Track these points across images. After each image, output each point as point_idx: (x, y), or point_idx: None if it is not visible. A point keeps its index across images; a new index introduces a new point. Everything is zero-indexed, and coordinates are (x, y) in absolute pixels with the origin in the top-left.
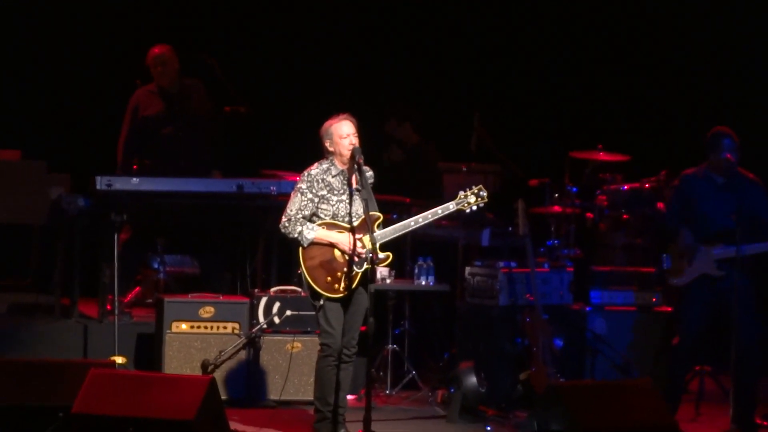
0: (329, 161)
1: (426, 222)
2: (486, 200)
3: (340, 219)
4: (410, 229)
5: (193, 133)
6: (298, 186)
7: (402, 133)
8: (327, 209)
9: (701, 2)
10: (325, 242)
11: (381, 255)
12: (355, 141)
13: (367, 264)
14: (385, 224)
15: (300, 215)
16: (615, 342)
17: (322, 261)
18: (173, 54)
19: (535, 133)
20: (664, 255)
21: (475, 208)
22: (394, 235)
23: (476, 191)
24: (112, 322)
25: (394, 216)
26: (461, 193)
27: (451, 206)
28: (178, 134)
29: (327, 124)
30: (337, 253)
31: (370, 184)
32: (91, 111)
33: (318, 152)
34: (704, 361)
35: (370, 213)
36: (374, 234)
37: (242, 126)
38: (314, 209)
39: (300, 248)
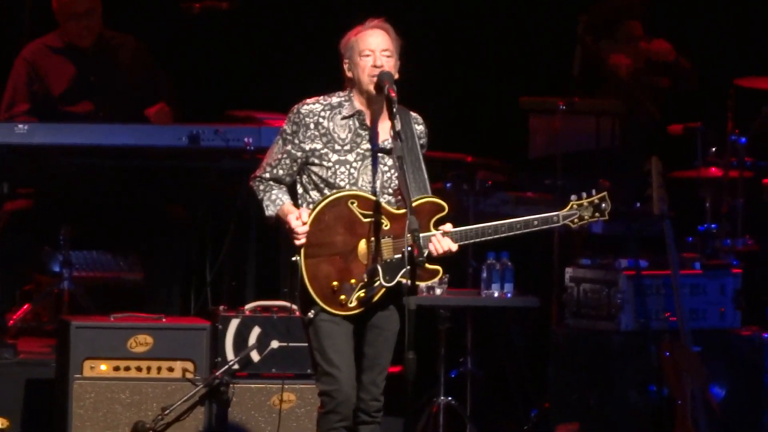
0: (346, 94)
1: (512, 233)
2: (607, 217)
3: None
4: (484, 239)
5: (119, 114)
6: (282, 128)
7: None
8: (319, 173)
9: None
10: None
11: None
12: (386, 64)
13: (394, 275)
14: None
15: (269, 173)
16: None
17: (334, 252)
18: None
19: (677, 47)
20: None
21: (587, 224)
22: (460, 243)
23: (596, 200)
24: None
25: (448, 186)
26: (573, 201)
27: (555, 218)
28: (97, 115)
29: (348, 35)
30: (362, 245)
31: (420, 143)
32: None
33: (328, 83)
34: None
35: (426, 198)
36: (414, 217)
37: (218, 29)
38: (298, 168)
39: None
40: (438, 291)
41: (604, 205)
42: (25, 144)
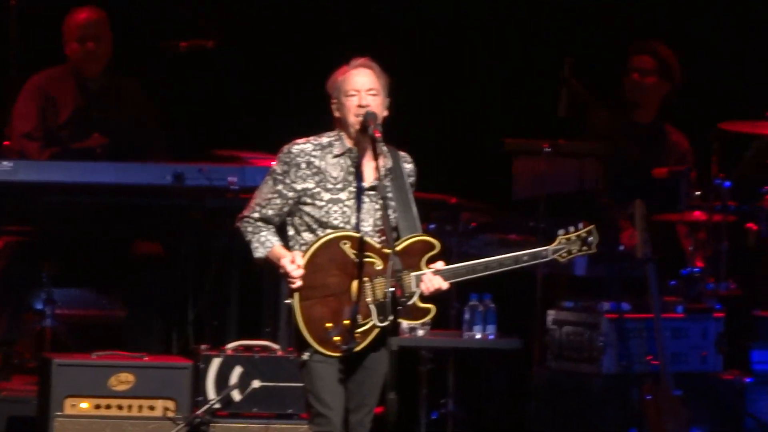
0: (336, 134)
1: (502, 269)
2: (594, 250)
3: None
4: (475, 275)
5: (114, 153)
6: (272, 168)
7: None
8: (311, 213)
9: None
10: (317, 261)
11: (417, 300)
12: (373, 102)
13: (387, 315)
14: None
15: (259, 213)
16: None
17: (328, 294)
18: (108, 26)
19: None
20: None
21: (575, 258)
22: (451, 281)
23: (584, 234)
24: None
25: (431, 227)
26: (561, 236)
27: (544, 253)
28: (94, 151)
29: (334, 75)
30: (355, 285)
31: (409, 182)
32: None
33: (320, 123)
34: None
35: (417, 237)
36: (397, 258)
37: (203, 69)
38: (288, 209)
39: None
40: (420, 332)
41: (591, 238)
42: (9, 181)
